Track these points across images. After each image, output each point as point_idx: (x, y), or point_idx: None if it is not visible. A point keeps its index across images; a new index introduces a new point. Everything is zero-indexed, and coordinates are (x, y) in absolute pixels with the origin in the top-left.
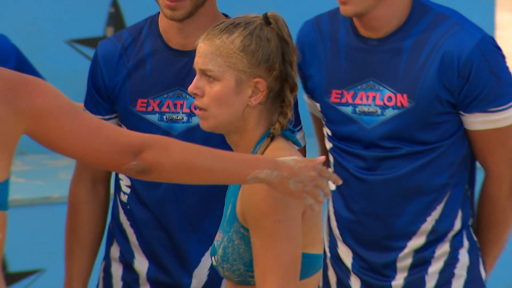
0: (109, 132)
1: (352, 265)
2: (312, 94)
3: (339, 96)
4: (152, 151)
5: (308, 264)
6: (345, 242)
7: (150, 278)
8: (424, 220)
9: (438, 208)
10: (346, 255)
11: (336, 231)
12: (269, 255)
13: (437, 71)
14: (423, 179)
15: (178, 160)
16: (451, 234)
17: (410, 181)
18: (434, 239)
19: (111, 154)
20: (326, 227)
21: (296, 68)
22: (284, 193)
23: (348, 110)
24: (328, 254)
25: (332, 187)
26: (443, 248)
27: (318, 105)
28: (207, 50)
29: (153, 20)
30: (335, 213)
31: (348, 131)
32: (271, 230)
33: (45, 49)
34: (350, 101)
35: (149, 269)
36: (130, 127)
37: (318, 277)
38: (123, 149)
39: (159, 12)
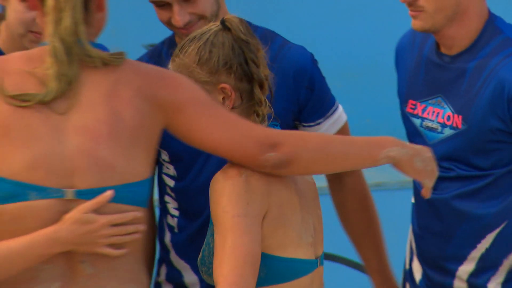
0: (245, 124)
1: (420, 281)
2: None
3: (413, 107)
4: (290, 141)
5: (282, 268)
6: (417, 256)
7: None
8: (474, 247)
9: (489, 237)
10: (417, 270)
11: (413, 245)
12: (227, 247)
13: (489, 98)
14: (472, 204)
15: (315, 149)
16: (507, 266)
17: (459, 204)
18: (486, 267)
19: (248, 146)
20: (408, 240)
21: (262, 64)
22: (409, 172)
23: (417, 122)
24: (407, 267)
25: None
26: (498, 279)
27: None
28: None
29: (171, 41)
30: (412, 226)
31: (417, 143)
32: (229, 224)
33: None
34: (420, 113)
35: (201, 281)
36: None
37: (303, 283)
38: (260, 141)
39: (174, 33)
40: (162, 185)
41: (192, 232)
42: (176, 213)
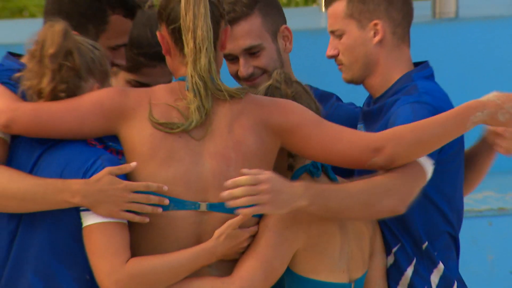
0: (350, 136)
1: None
2: None
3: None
4: (389, 143)
5: None
6: None
7: None
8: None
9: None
10: None
11: None
12: (255, 252)
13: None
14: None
15: (411, 143)
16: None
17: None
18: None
19: (355, 155)
20: None
21: None
22: (498, 126)
23: None
24: None
25: None
26: None
27: None
28: None
29: None
30: None
31: None
32: (265, 236)
33: None
34: None
35: None
36: None
37: None
38: (364, 148)
39: None
40: None
41: None
42: None
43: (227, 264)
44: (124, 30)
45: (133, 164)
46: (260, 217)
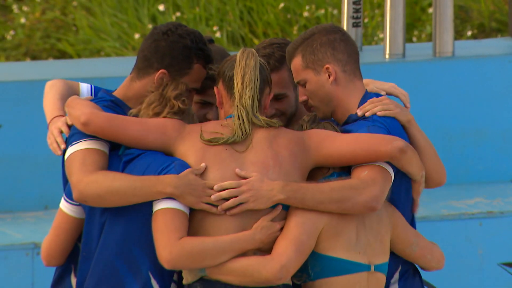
0: (365, 134)
1: None
2: None
3: None
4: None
5: (332, 265)
6: None
7: None
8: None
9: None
10: None
11: None
12: (284, 233)
13: None
14: None
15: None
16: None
17: None
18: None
19: (376, 144)
20: None
21: None
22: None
23: None
24: None
25: None
26: None
27: None
28: None
29: None
30: None
31: None
32: (291, 220)
33: None
34: None
35: None
36: None
37: (350, 279)
38: (382, 136)
39: None
40: None
41: None
42: None
43: (271, 249)
44: (200, 78)
45: (203, 165)
46: (287, 210)
